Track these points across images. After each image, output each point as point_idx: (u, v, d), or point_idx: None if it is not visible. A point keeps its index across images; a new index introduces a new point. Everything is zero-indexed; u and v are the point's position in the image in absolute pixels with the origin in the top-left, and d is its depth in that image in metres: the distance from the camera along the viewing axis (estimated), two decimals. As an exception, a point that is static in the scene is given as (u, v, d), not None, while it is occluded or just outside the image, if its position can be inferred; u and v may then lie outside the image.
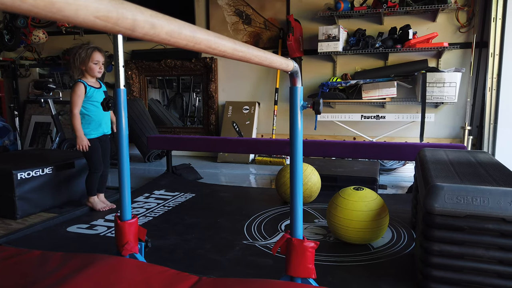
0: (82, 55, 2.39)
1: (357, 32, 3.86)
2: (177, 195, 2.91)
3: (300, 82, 1.31)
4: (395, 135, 3.90)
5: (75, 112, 2.40)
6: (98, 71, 2.45)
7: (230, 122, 4.50)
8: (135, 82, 4.88)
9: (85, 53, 2.39)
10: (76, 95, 2.40)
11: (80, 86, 2.41)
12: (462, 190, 1.39)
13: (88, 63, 2.41)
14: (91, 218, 2.41)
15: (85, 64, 2.41)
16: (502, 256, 1.35)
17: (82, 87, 2.42)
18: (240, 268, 1.72)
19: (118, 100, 1.52)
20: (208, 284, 1.39)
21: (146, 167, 4.18)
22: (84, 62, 2.40)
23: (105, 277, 1.41)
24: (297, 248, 1.34)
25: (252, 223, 2.30)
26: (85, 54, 2.39)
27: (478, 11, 3.64)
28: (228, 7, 4.46)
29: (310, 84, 4.23)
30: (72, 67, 2.43)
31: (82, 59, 2.40)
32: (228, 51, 0.68)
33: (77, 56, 2.39)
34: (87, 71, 2.43)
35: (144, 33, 0.45)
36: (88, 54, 2.39)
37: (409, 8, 3.61)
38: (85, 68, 2.42)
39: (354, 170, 3.18)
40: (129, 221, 1.57)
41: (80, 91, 2.41)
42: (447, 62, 3.77)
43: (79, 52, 2.39)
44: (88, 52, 2.40)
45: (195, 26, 0.56)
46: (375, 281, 1.58)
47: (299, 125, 1.32)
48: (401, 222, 2.27)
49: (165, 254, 1.86)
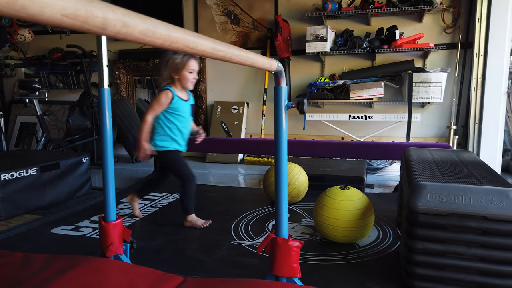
0: (177, 62, 2.09)
1: (345, 33, 3.88)
2: (164, 195, 2.89)
3: (284, 82, 1.31)
4: (382, 135, 3.94)
5: (148, 118, 2.09)
6: (191, 81, 2.15)
7: (218, 122, 4.49)
8: (123, 82, 4.85)
9: (180, 60, 2.10)
10: (158, 102, 2.11)
11: (167, 94, 2.11)
12: (445, 189, 1.41)
13: (182, 71, 2.10)
14: (76, 219, 2.38)
15: (178, 72, 2.11)
16: (483, 253, 1.37)
17: (169, 96, 2.11)
18: (226, 268, 1.72)
19: (102, 100, 1.51)
20: (193, 285, 1.38)
21: (134, 168, 4.15)
22: (178, 70, 2.10)
23: (88, 278, 1.40)
24: (281, 248, 1.35)
25: (239, 223, 2.29)
26: (180, 61, 2.09)
27: (463, 12, 3.69)
28: (216, 7, 4.45)
29: (299, 84, 4.24)
30: (163, 73, 2.15)
31: (176, 66, 2.10)
32: (207, 50, 0.68)
33: (171, 63, 2.11)
34: (180, 80, 2.13)
35: (116, 32, 0.44)
36: (183, 61, 2.09)
37: (395, 9, 3.64)
38: (178, 77, 2.12)
39: (341, 169, 3.20)
40: (114, 222, 1.56)
41: (165, 100, 2.11)
42: (433, 62, 3.82)
43: (173, 57, 2.10)
44: (183, 60, 2.10)
45: (171, 25, 0.56)
46: (360, 279, 1.59)
47: (284, 125, 1.33)
48: (387, 221, 2.29)
49: (151, 255, 1.85)
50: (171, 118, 2.16)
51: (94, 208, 2.60)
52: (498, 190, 1.37)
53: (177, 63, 2.10)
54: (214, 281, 1.40)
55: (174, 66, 2.10)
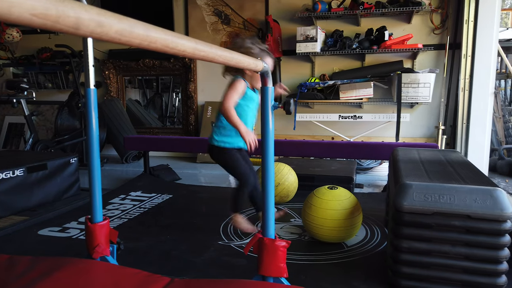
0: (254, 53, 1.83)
1: (335, 33, 3.90)
2: (153, 196, 2.88)
3: (271, 82, 1.31)
4: (372, 135, 3.96)
5: (229, 105, 1.83)
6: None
7: (209, 122, 4.48)
8: (113, 82, 4.81)
9: (258, 53, 1.84)
10: (234, 89, 1.87)
11: (241, 82, 1.89)
12: (430, 188, 1.42)
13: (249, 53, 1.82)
14: (63, 220, 2.36)
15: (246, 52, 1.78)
16: (468, 252, 1.38)
17: (243, 84, 1.89)
18: (214, 268, 1.72)
19: (88, 100, 1.50)
20: (180, 285, 1.38)
21: (124, 168, 4.12)
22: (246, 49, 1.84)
23: (74, 280, 1.38)
24: (268, 248, 1.35)
25: (228, 223, 2.29)
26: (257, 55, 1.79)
27: (451, 14, 3.73)
28: (207, 7, 4.44)
29: (289, 85, 4.24)
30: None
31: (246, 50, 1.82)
32: (188, 50, 0.68)
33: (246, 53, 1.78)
34: (251, 77, 1.91)
35: (90, 31, 0.44)
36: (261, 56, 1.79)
37: (385, 10, 3.67)
38: (251, 73, 1.89)
39: (331, 169, 3.21)
40: (100, 223, 1.55)
41: (241, 87, 1.88)
42: (421, 63, 3.86)
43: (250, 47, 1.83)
44: (262, 55, 1.84)
45: (149, 24, 0.56)
46: (347, 278, 1.60)
47: (270, 125, 1.33)
48: (375, 220, 2.30)
49: (139, 256, 1.84)
50: (240, 110, 1.94)
51: (82, 209, 2.58)
52: (482, 189, 1.39)
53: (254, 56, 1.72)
54: (201, 282, 1.40)
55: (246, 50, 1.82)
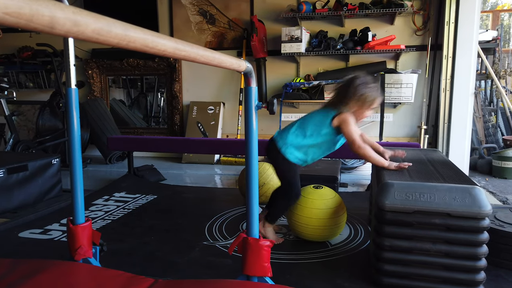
0: (369, 97, 1.76)
1: (319, 34, 3.93)
2: (138, 197, 2.85)
3: (254, 82, 1.31)
4: (356, 135, 4.00)
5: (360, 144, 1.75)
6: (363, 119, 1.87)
7: (195, 122, 4.47)
8: (96, 81, 4.75)
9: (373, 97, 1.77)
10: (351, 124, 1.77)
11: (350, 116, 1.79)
12: (411, 187, 1.45)
13: (367, 108, 1.79)
14: (45, 222, 2.32)
15: (363, 107, 1.78)
16: (448, 249, 1.41)
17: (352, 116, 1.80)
18: (199, 269, 1.71)
19: (69, 99, 1.48)
20: (163, 286, 1.37)
21: (108, 169, 4.07)
22: (364, 105, 1.78)
23: (56, 283, 1.36)
24: (252, 247, 1.35)
25: (213, 223, 2.29)
26: (372, 98, 1.77)
27: (433, 15, 3.80)
28: (192, 6, 4.42)
29: (274, 85, 4.27)
30: (347, 99, 1.78)
31: (364, 101, 1.77)
32: (168, 50, 0.68)
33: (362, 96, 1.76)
34: (357, 113, 1.80)
35: (65, 31, 0.44)
36: (374, 98, 1.77)
37: (368, 11, 3.71)
38: (360, 110, 1.79)
39: (316, 169, 3.23)
40: (82, 225, 1.53)
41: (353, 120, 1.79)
42: (404, 63, 3.91)
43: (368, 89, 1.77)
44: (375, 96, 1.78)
45: (128, 24, 0.56)
46: (332, 277, 1.62)
47: (254, 125, 1.33)
48: (359, 219, 2.33)
49: (122, 258, 1.82)
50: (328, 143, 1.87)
51: (64, 210, 2.54)
52: (461, 188, 1.42)
53: (368, 98, 1.76)
54: (185, 282, 1.40)
55: (363, 100, 1.77)
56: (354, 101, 1.77)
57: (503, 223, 1.75)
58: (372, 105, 1.80)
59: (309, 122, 1.88)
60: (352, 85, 1.78)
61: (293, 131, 1.88)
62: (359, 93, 1.76)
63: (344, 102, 1.79)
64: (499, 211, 1.90)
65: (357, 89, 1.76)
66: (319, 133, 1.83)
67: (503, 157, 3.64)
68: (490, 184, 3.46)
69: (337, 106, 1.82)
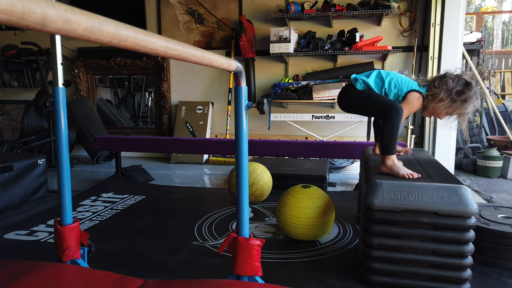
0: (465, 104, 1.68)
1: (308, 34, 3.95)
2: (126, 197, 2.83)
3: (244, 82, 1.32)
4: (344, 135, 4.04)
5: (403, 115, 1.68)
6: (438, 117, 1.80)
7: (183, 122, 4.45)
8: (83, 81, 4.69)
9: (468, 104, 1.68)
10: (412, 108, 1.75)
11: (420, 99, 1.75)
12: (399, 186, 1.47)
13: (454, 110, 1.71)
14: (31, 223, 2.28)
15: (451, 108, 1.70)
16: (435, 247, 1.44)
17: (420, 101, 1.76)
18: (189, 269, 1.71)
19: (56, 99, 1.45)
20: (153, 287, 1.36)
21: (95, 169, 4.02)
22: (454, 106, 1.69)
23: (43, 284, 1.34)
24: (243, 247, 1.35)
25: (203, 223, 2.28)
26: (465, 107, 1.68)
27: (419, 17, 3.85)
28: (180, 5, 4.40)
29: (263, 85, 4.27)
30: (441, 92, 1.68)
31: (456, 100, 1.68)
32: (160, 49, 0.67)
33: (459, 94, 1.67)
34: (433, 109, 1.75)
35: (57, 28, 0.43)
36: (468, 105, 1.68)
37: (355, 12, 3.75)
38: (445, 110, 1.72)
39: (305, 168, 3.25)
40: (70, 226, 1.51)
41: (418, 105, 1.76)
42: (391, 64, 3.96)
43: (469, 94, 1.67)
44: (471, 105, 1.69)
45: (120, 22, 0.55)
46: (321, 275, 1.63)
47: (244, 125, 1.33)
48: (347, 218, 2.35)
49: (111, 259, 1.80)
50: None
51: (51, 211, 2.50)
52: (448, 187, 1.44)
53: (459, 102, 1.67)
54: (174, 283, 1.39)
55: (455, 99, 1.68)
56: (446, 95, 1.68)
57: (488, 221, 1.78)
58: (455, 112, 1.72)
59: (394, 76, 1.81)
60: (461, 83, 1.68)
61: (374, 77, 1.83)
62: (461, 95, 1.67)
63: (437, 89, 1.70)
64: (484, 210, 1.94)
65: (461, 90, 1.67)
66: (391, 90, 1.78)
67: (487, 157, 3.71)
68: (475, 183, 3.53)
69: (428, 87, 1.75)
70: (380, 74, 1.84)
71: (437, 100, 1.71)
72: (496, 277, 1.60)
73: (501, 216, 1.85)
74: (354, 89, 1.85)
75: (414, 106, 1.75)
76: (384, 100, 1.74)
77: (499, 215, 1.86)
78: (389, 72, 1.87)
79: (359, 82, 1.84)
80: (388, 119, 1.67)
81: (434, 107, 1.75)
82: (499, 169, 3.70)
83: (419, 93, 1.76)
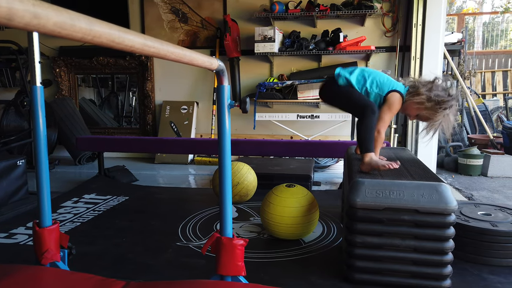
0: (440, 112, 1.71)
1: (292, 34, 3.96)
2: (109, 198, 2.78)
3: (226, 81, 1.31)
4: (329, 134, 4.06)
5: (386, 123, 1.77)
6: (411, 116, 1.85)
7: (167, 122, 4.41)
8: (64, 80, 4.60)
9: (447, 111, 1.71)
10: (394, 111, 1.78)
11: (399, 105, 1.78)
12: (381, 185, 1.48)
13: (427, 113, 1.75)
14: (10, 226, 2.22)
15: (424, 110, 1.74)
16: (416, 244, 1.45)
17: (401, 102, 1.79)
18: (172, 270, 1.69)
19: (34, 98, 1.42)
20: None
21: (77, 170, 3.95)
22: (428, 108, 1.73)
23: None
24: (226, 247, 1.34)
25: (187, 224, 2.26)
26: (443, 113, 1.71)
27: (401, 17, 3.90)
28: (163, 4, 4.36)
29: (248, 84, 4.27)
30: (423, 91, 1.72)
31: (432, 104, 1.71)
32: (136, 46, 0.66)
33: (438, 103, 1.70)
34: (409, 109, 1.80)
35: (24, 23, 0.42)
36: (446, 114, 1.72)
37: (339, 12, 3.77)
38: (417, 111, 1.77)
39: (290, 168, 3.26)
40: (49, 228, 1.47)
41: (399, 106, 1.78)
42: (374, 64, 4.00)
43: (447, 103, 1.70)
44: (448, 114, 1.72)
45: (93, 18, 0.54)
46: (305, 274, 1.63)
47: (227, 124, 1.33)
48: (332, 216, 2.36)
49: (92, 261, 1.77)
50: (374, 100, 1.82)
51: (30, 213, 2.45)
52: (429, 185, 1.46)
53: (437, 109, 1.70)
54: (157, 284, 1.37)
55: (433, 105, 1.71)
56: (426, 95, 1.71)
57: (468, 218, 1.81)
58: (427, 115, 1.75)
59: (376, 76, 1.84)
60: (445, 93, 1.71)
61: (357, 75, 1.85)
62: (437, 96, 1.69)
63: (417, 91, 1.74)
64: (465, 207, 1.98)
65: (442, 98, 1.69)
66: (372, 89, 1.82)
67: (468, 155, 3.78)
68: (456, 181, 3.59)
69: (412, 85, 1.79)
70: (363, 73, 1.86)
71: (416, 98, 1.74)
72: (476, 273, 1.63)
73: (481, 213, 1.89)
74: (335, 83, 1.87)
75: (396, 107, 1.79)
76: (360, 100, 1.78)
77: (479, 212, 1.89)
78: (372, 71, 1.89)
79: (342, 78, 1.85)
80: (363, 118, 1.72)
81: (409, 104, 1.79)
82: (480, 167, 3.78)
83: (400, 93, 1.79)
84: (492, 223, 1.76)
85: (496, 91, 6.87)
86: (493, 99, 6.51)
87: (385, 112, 1.77)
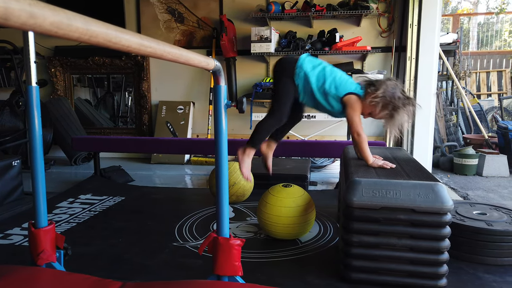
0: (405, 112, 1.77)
1: (288, 34, 3.97)
2: (105, 199, 2.77)
3: (223, 81, 1.31)
4: (325, 134, 4.07)
5: (359, 126, 1.80)
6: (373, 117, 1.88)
7: (164, 122, 4.40)
8: (60, 80, 4.58)
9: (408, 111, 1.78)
10: (357, 112, 1.81)
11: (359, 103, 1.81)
12: (378, 184, 1.49)
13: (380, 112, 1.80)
14: (5, 227, 2.21)
15: (378, 109, 1.78)
16: (413, 244, 1.46)
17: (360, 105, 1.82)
18: (169, 270, 1.69)
19: (30, 98, 1.41)
20: (132, 289, 1.34)
21: (73, 171, 3.94)
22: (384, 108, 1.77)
23: (16, 289, 1.30)
24: (223, 247, 1.34)
25: (183, 224, 2.26)
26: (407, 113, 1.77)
27: (397, 18, 3.91)
28: (160, 4, 4.35)
29: (245, 84, 4.27)
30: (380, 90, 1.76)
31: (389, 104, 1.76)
32: (133, 46, 0.66)
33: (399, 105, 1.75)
34: (371, 110, 1.81)
35: (21, 23, 0.42)
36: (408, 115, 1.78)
37: (335, 12, 3.78)
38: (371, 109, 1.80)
39: (286, 168, 3.26)
40: (45, 228, 1.47)
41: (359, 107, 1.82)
42: (370, 64, 4.01)
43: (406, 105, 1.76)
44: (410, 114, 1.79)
45: (90, 18, 0.54)
46: (302, 274, 1.63)
47: (224, 124, 1.32)
48: (328, 216, 2.37)
49: (89, 261, 1.77)
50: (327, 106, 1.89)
51: (26, 214, 2.43)
52: (425, 184, 1.47)
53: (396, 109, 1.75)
54: (154, 284, 1.37)
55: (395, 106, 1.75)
56: (382, 95, 1.75)
57: (464, 218, 1.82)
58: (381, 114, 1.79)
59: (336, 77, 1.86)
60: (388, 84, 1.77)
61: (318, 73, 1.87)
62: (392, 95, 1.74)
63: (372, 92, 1.77)
64: (460, 206, 1.99)
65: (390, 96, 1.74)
66: (331, 90, 1.84)
67: (464, 155, 3.80)
68: (451, 181, 3.61)
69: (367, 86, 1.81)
70: (324, 72, 1.88)
71: (372, 97, 1.77)
72: (472, 272, 1.64)
73: (476, 212, 1.90)
74: (289, 75, 1.89)
75: (357, 106, 1.81)
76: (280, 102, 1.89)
77: (474, 212, 1.90)
78: (333, 70, 1.91)
79: (300, 75, 1.87)
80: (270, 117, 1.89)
81: (364, 104, 1.81)
82: (475, 166, 3.80)
83: (356, 95, 1.81)
84: (487, 222, 1.77)
85: (491, 91, 6.91)
86: (488, 99, 6.55)
87: (351, 114, 1.81)
